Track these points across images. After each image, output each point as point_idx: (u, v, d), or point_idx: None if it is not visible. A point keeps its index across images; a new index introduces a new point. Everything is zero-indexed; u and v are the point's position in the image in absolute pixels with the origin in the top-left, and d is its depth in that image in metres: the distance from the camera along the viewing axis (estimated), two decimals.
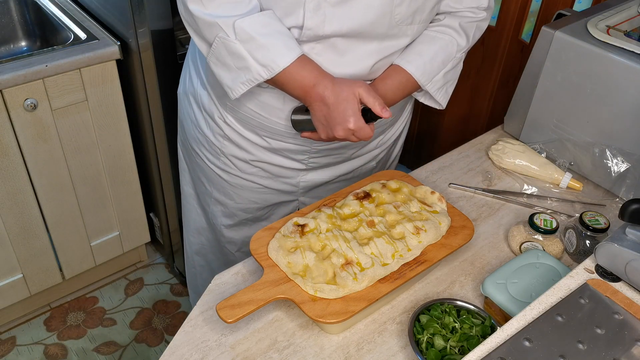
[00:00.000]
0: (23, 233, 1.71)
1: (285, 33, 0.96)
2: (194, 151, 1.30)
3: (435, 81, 1.10)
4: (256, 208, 1.31)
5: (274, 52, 0.95)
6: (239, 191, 1.27)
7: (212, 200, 1.33)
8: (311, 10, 0.94)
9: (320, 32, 0.97)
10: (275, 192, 1.27)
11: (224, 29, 0.95)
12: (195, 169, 1.34)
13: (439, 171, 1.23)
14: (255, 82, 0.97)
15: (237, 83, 0.99)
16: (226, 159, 1.22)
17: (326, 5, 0.94)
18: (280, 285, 0.84)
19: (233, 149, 1.20)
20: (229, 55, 0.97)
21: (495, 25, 1.56)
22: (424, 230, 0.92)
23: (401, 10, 0.98)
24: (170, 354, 0.83)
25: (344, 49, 1.01)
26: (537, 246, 0.99)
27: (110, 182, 1.81)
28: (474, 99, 1.73)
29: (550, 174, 1.19)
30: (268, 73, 0.96)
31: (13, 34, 1.86)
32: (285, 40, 0.96)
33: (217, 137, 1.20)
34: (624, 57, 1.04)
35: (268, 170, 1.22)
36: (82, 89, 1.58)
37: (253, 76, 0.97)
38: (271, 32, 0.95)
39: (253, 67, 0.96)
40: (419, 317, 0.86)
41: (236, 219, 1.33)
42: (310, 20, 0.95)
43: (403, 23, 1.01)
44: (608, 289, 0.76)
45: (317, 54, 1.01)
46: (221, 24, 0.95)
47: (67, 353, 1.85)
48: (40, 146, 1.59)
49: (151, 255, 2.22)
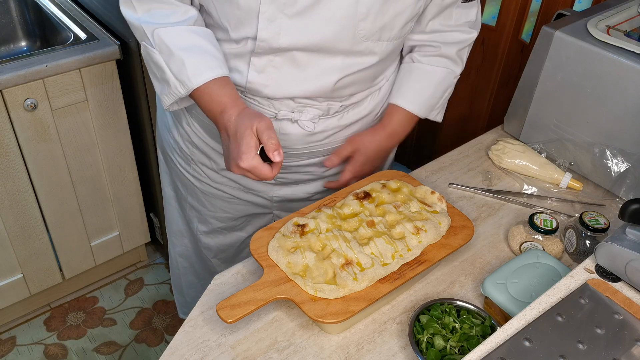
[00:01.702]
0: (23, 233, 1.71)
1: (207, 51, 0.92)
2: (168, 156, 1.27)
3: (436, 109, 1.17)
4: (229, 218, 1.27)
5: (189, 68, 0.90)
6: (211, 199, 1.24)
7: (187, 205, 1.31)
8: (265, 21, 0.90)
9: (275, 44, 0.92)
10: (249, 204, 1.24)
11: (147, 36, 0.93)
12: (172, 173, 1.32)
13: (439, 171, 1.23)
14: (176, 96, 0.94)
15: (163, 94, 0.96)
16: (196, 166, 1.19)
17: (282, 17, 0.90)
18: (280, 285, 0.84)
19: (201, 157, 1.17)
20: (152, 63, 0.95)
21: (495, 25, 1.56)
22: (424, 230, 0.92)
23: (366, 26, 0.93)
24: (170, 354, 0.83)
25: (305, 63, 0.96)
26: (537, 246, 0.99)
27: (110, 182, 1.81)
28: (474, 99, 1.73)
29: (550, 174, 1.19)
30: (184, 89, 0.92)
31: (13, 34, 1.86)
32: (205, 58, 0.91)
33: (186, 143, 1.17)
34: (624, 57, 1.04)
35: (237, 181, 1.18)
36: (82, 89, 1.58)
37: (172, 90, 0.94)
38: (190, 47, 0.91)
39: (171, 81, 0.93)
40: (419, 317, 0.86)
41: (210, 226, 1.30)
42: (264, 31, 0.91)
43: (369, 39, 0.96)
44: (608, 289, 0.76)
45: (276, 67, 0.97)
46: (145, 30, 0.92)
47: (67, 353, 1.85)
48: (40, 146, 1.59)
49: (151, 255, 2.22)
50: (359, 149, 1.11)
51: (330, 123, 1.09)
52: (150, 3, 0.93)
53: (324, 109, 1.06)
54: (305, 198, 1.23)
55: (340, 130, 1.12)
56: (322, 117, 1.08)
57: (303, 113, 1.05)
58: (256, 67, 0.98)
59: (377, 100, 1.14)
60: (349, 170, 1.13)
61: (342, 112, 1.10)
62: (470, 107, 1.75)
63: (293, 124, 1.06)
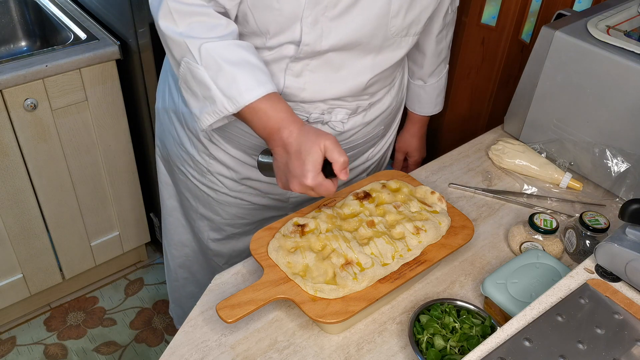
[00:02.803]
0: (23, 233, 1.71)
1: (256, 66, 0.88)
2: (177, 168, 1.24)
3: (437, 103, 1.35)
4: (244, 223, 1.27)
5: (241, 84, 0.86)
6: (225, 207, 1.22)
7: (197, 216, 1.29)
8: (309, 25, 0.91)
9: (318, 47, 0.93)
10: (264, 208, 1.24)
11: (191, 51, 0.87)
12: (179, 185, 1.29)
13: (439, 171, 1.23)
14: (221, 114, 0.88)
15: (203, 113, 0.90)
16: (212, 177, 1.18)
17: (323, 20, 0.91)
18: (280, 285, 0.84)
19: (219, 168, 1.15)
20: (194, 81, 0.89)
21: (495, 25, 1.56)
22: (424, 230, 0.92)
23: (396, 22, 0.96)
24: (170, 354, 0.83)
25: (339, 64, 0.98)
26: (537, 246, 0.99)
27: (110, 182, 1.81)
28: (474, 99, 1.73)
29: (550, 174, 1.19)
30: (233, 107, 0.87)
31: (13, 34, 1.86)
32: (256, 73, 0.87)
33: (202, 155, 1.15)
34: (624, 57, 1.04)
35: (256, 188, 1.18)
36: (82, 89, 1.58)
37: (218, 108, 0.88)
38: (240, 62, 0.87)
39: (218, 98, 0.87)
40: (419, 317, 0.86)
41: (224, 233, 1.29)
42: (308, 35, 0.92)
43: (398, 35, 0.99)
44: (608, 289, 0.76)
45: (311, 71, 0.97)
46: (189, 45, 0.87)
47: (67, 353, 1.85)
48: (40, 146, 1.59)
49: (151, 255, 2.22)
50: (407, 150, 1.42)
51: (357, 121, 1.12)
52: (192, 16, 0.88)
53: (353, 108, 1.08)
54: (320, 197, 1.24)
55: (364, 127, 1.15)
56: (351, 116, 1.10)
57: (332, 114, 1.06)
58: (293, 71, 0.98)
59: (393, 94, 1.18)
60: (411, 167, 1.43)
61: (367, 109, 1.12)
62: (470, 107, 1.75)
63: (324, 126, 1.08)
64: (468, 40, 1.57)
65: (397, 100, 1.21)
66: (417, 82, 1.30)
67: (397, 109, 1.25)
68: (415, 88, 1.31)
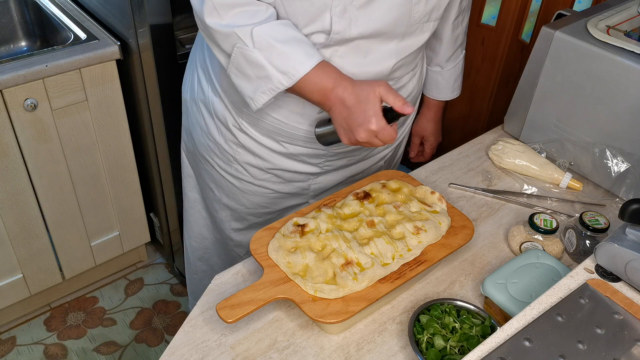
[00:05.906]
0: (23, 233, 1.71)
1: (303, 40, 0.95)
2: (203, 158, 1.28)
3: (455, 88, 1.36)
4: (266, 212, 1.30)
5: (294, 59, 0.93)
6: (249, 196, 1.26)
7: (220, 206, 1.32)
8: (338, 15, 0.95)
9: (347, 35, 0.98)
10: (286, 196, 1.27)
11: (242, 38, 0.94)
12: (203, 175, 1.33)
13: (439, 171, 1.23)
14: (277, 90, 0.95)
15: (258, 93, 0.97)
16: (239, 166, 1.21)
17: (352, 9, 0.95)
18: (280, 285, 0.84)
19: (247, 156, 1.19)
20: (248, 64, 0.96)
21: (495, 25, 1.56)
22: (424, 230, 0.92)
23: (419, 9, 1.01)
24: (170, 354, 0.83)
25: (366, 50, 1.02)
26: (537, 246, 0.99)
27: (110, 182, 1.81)
28: (474, 99, 1.73)
29: (550, 174, 1.19)
30: (289, 81, 0.94)
31: (13, 34, 1.86)
32: (304, 47, 0.95)
33: (230, 144, 1.19)
34: (624, 57, 1.04)
35: (281, 176, 1.21)
36: (82, 89, 1.58)
37: (274, 85, 0.95)
38: (289, 40, 0.94)
39: (273, 76, 0.94)
40: (419, 317, 0.86)
41: (246, 223, 1.33)
42: (338, 24, 0.96)
43: (420, 21, 1.03)
44: (608, 289, 0.76)
45: (340, 57, 1.01)
46: (239, 33, 0.94)
47: (67, 353, 1.85)
48: (40, 146, 1.59)
49: (151, 255, 2.22)
50: (424, 134, 1.44)
51: None
52: (235, 8, 0.94)
53: None
54: (339, 183, 1.29)
55: None
56: None
57: None
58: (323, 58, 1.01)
59: (416, 80, 1.21)
60: (427, 151, 1.47)
61: None
62: (470, 107, 1.75)
63: None
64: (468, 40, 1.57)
65: (418, 86, 1.24)
66: (434, 69, 1.32)
67: (417, 95, 1.28)
68: (432, 74, 1.33)
